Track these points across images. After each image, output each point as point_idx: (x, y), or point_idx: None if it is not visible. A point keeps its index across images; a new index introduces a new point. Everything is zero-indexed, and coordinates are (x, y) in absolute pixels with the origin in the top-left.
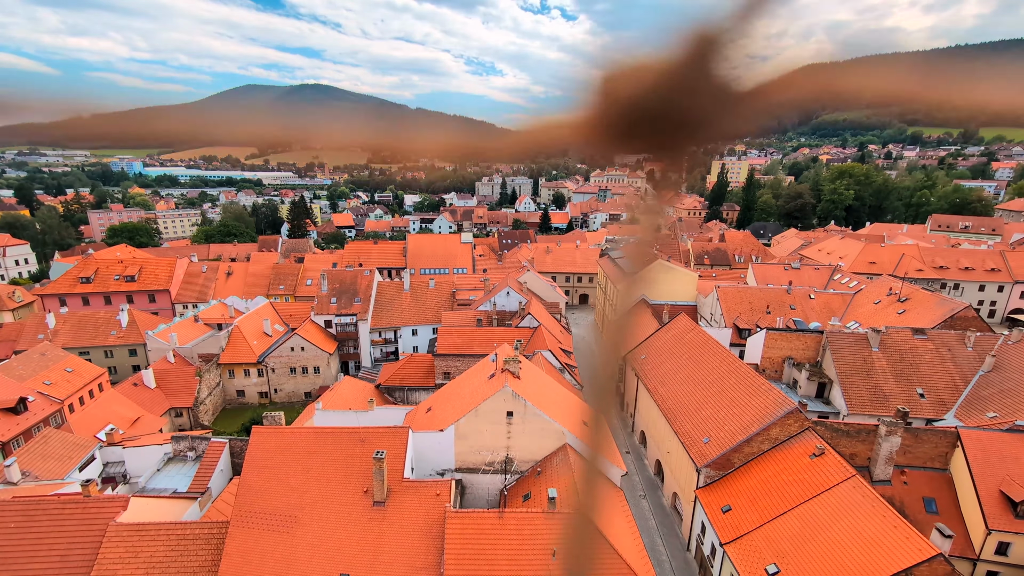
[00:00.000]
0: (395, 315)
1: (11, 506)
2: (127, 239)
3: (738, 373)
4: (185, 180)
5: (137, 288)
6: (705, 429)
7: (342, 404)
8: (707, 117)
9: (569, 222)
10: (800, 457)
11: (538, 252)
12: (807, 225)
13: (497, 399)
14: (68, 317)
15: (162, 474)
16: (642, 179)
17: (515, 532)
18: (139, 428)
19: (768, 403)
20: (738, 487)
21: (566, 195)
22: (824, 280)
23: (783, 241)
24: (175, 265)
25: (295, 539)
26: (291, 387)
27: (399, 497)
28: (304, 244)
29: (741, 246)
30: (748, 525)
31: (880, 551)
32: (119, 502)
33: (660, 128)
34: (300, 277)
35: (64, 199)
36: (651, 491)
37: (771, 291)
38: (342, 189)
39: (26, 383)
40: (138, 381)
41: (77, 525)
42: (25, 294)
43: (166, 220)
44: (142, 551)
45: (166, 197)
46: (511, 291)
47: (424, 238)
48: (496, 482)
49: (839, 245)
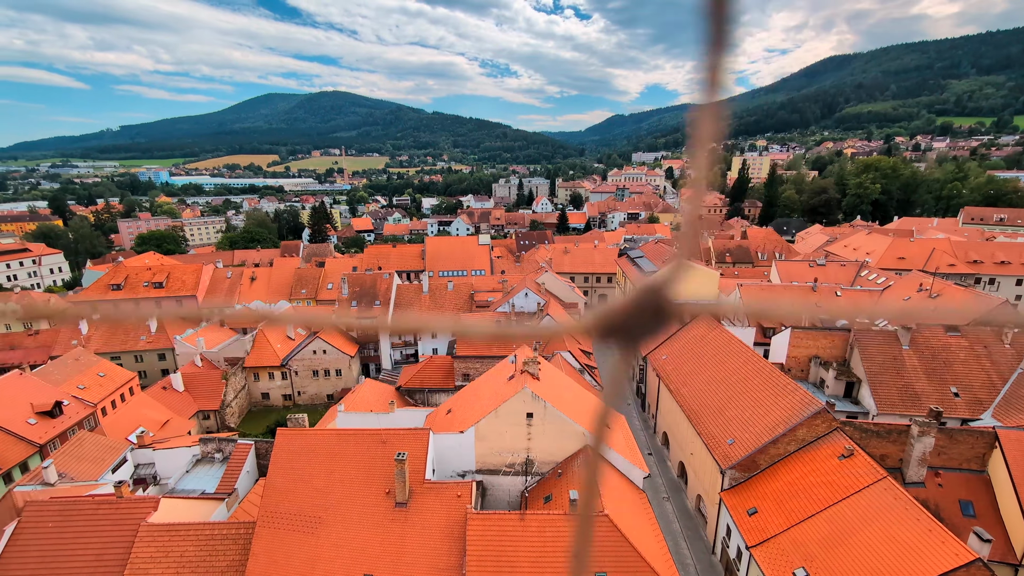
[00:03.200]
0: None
1: (49, 506)
2: (155, 247)
3: (763, 373)
4: (209, 188)
5: (165, 294)
6: (729, 430)
7: (364, 406)
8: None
9: (587, 222)
10: (828, 458)
11: (556, 253)
12: (832, 221)
13: (516, 401)
14: (100, 323)
15: (191, 475)
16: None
17: (537, 534)
18: (168, 431)
19: (794, 403)
20: (764, 489)
21: (583, 195)
22: (851, 277)
23: (807, 237)
24: (201, 271)
25: (319, 539)
26: (314, 389)
27: (421, 498)
28: (325, 249)
29: (764, 243)
30: (775, 528)
31: (914, 556)
32: (150, 503)
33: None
34: (321, 281)
35: (95, 209)
36: (675, 493)
37: (796, 289)
38: (361, 194)
39: (61, 387)
40: (167, 385)
41: (111, 525)
42: (60, 301)
43: (192, 227)
44: (172, 550)
45: (192, 205)
46: (529, 292)
47: (442, 240)
48: (517, 484)
49: (866, 241)
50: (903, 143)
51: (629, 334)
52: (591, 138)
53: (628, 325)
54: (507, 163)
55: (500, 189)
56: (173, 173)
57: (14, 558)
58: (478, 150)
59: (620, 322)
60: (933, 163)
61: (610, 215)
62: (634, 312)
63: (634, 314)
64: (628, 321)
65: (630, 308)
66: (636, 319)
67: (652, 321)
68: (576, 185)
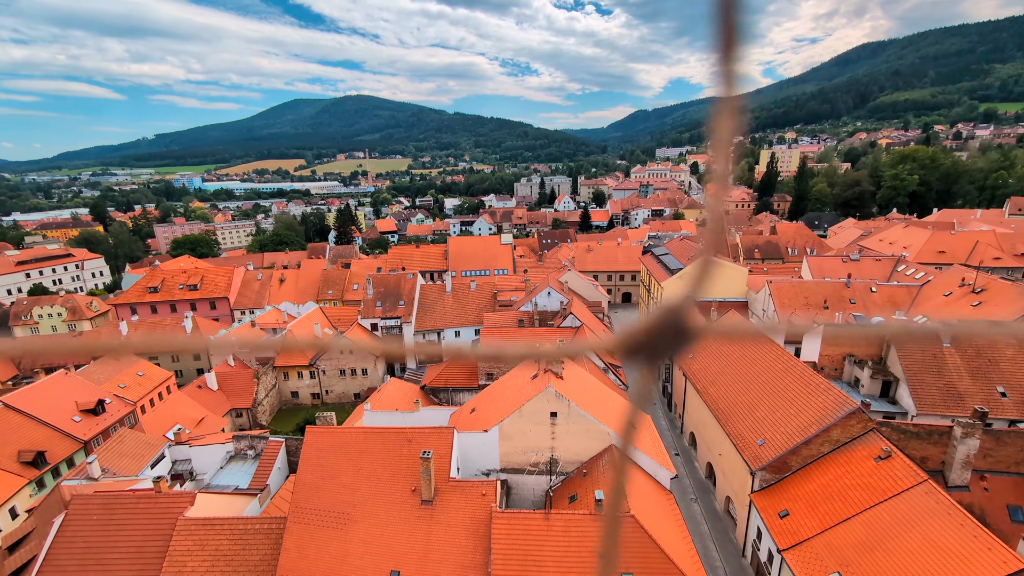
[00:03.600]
0: (438, 317)
1: (94, 500)
2: (189, 250)
3: (794, 372)
4: (240, 193)
5: (199, 296)
6: (759, 431)
7: (389, 405)
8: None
9: (610, 220)
10: (864, 460)
11: (579, 251)
12: (866, 214)
13: (540, 400)
14: (138, 325)
15: (225, 471)
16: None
17: (562, 534)
18: (203, 428)
19: (827, 403)
20: (796, 491)
21: (606, 192)
22: (887, 272)
23: (840, 232)
24: (233, 274)
25: (348, 535)
26: (341, 388)
27: (446, 496)
28: (350, 250)
29: (794, 238)
30: (807, 531)
31: (958, 562)
32: (187, 498)
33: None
34: (347, 282)
35: (133, 215)
36: (702, 495)
37: (828, 285)
38: (384, 195)
39: (103, 386)
40: (202, 384)
41: (150, 518)
42: (101, 304)
43: (224, 231)
44: (208, 544)
45: (223, 210)
46: (552, 291)
47: (465, 240)
48: (541, 483)
49: (903, 234)
50: (943, 132)
51: (653, 353)
52: (614, 134)
53: (651, 345)
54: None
55: (522, 188)
56: (205, 179)
57: (63, 548)
58: (499, 149)
59: (644, 342)
60: (976, 151)
61: (634, 212)
62: (656, 332)
63: (657, 334)
64: (651, 341)
65: (653, 328)
66: (658, 339)
67: (674, 341)
68: (599, 183)
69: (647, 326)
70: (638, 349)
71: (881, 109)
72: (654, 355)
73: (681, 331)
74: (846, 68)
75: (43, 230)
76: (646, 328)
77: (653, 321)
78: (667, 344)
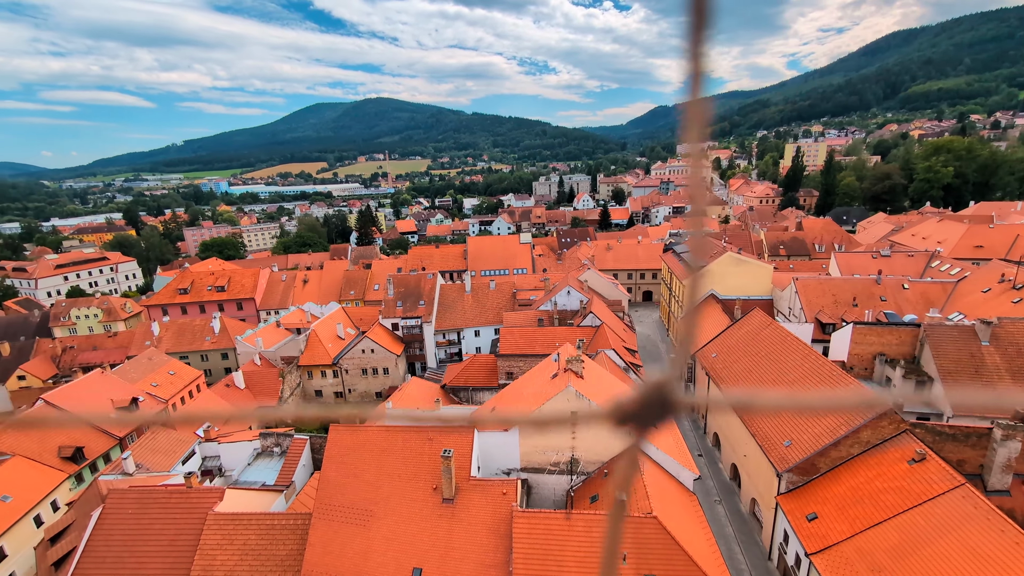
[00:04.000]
0: (458, 317)
1: (129, 494)
2: (217, 252)
3: (822, 371)
4: (265, 196)
5: (227, 297)
6: (785, 431)
7: (410, 403)
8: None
9: (630, 217)
10: (896, 463)
11: (598, 249)
12: (898, 208)
13: (560, 399)
14: (169, 325)
15: (252, 468)
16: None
17: (583, 534)
18: (231, 425)
19: None
20: (825, 494)
21: (626, 190)
22: (920, 268)
23: (870, 227)
24: (259, 275)
25: (371, 532)
26: (363, 387)
27: (467, 495)
28: (371, 251)
29: (821, 234)
30: (837, 535)
31: (999, 569)
32: (216, 493)
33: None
34: (368, 282)
35: (163, 219)
36: (727, 496)
37: (858, 282)
38: (404, 196)
39: (137, 384)
40: (230, 382)
41: (182, 513)
42: (134, 305)
43: (249, 234)
44: (237, 538)
45: (249, 213)
46: (572, 290)
47: (484, 240)
48: (562, 483)
49: (937, 229)
50: (979, 121)
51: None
52: (633, 131)
53: (638, 415)
54: (547, 161)
55: (540, 187)
56: (231, 183)
57: (100, 540)
58: (518, 149)
59: (631, 412)
60: (1016, 141)
61: (654, 209)
62: (644, 404)
63: (643, 406)
64: (638, 412)
65: (640, 401)
66: (645, 411)
67: (660, 412)
68: (618, 180)
69: (636, 398)
70: (627, 418)
71: (913, 99)
72: (642, 425)
73: (667, 404)
74: (875, 58)
75: (80, 235)
76: (634, 400)
77: (640, 395)
78: (654, 415)
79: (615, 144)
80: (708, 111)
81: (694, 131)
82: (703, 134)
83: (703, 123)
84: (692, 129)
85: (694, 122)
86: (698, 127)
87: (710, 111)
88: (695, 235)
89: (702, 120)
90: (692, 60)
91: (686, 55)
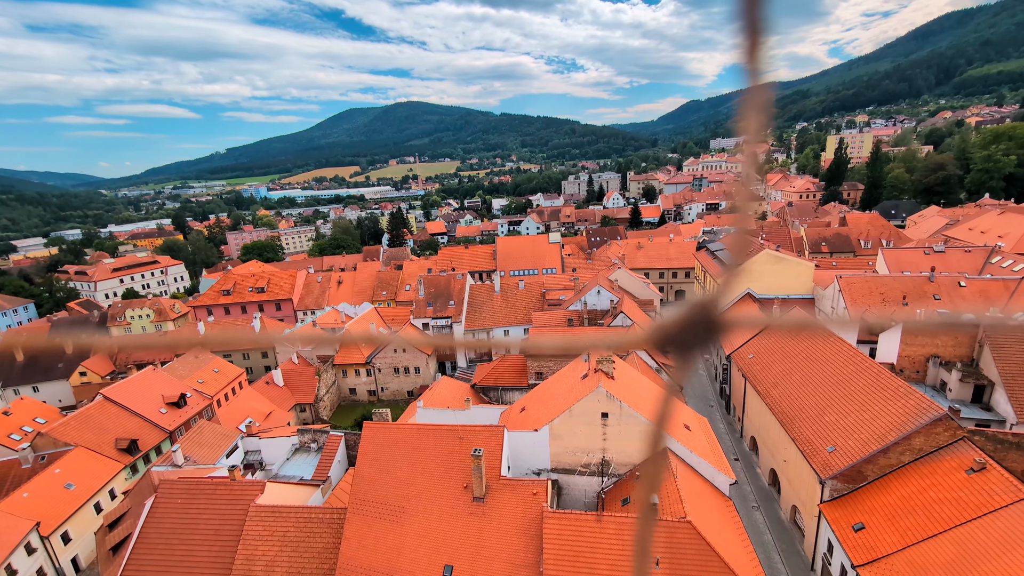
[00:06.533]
0: (487, 317)
1: (178, 485)
2: (257, 255)
3: (868, 374)
4: (301, 200)
5: (266, 298)
6: (829, 437)
7: (441, 403)
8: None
9: (661, 215)
10: (953, 472)
11: (629, 248)
12: (952, 201)
13: (591, 400)
14: (214, 325)
15: (291, 463)
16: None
17: (615, 536)
18: (271, 421)
19: (908, 408)
20: (872, 503)
21: (657, 187)
22: (978, 264)
23: (921, 221)
24: (296, 277)
25: (404, 528)
26: (395, 386)
27: (497, 494)
28: (402, 252)
29: (867, 229)
30: (886, 547)
31: None
32: (257, 486)
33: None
34: (400, 283)
35: (208, 224)
36: (766, 503)
37: (908, 279)
38: (434, 198)
39: (184, 381)
40: (269, 380)
41: (226, 504)
42: (182, 306)
43: (287, 237)
44: (277, 530)
45: (286, 217)
46: (602, 289)
47: (512, 240)
48: (593, 484)
49: (997, 222)
50: None
51: (683, 346)
52: (664, 127)
53: (681, 337)
54: (576, 159)
55: (569, 186)
56: (270, 188)
57: (153, 527)
58: (546, 148)
59: (673, 334)
60: None
61: (687, 207)
62: (686, 325)
63: (686, 327)
64: (681, 334)
65: (682, 321)
66: (689, 332)
67: (704, 334)
68: (649, 177)
69: (677, 319)
70: (668, 341)
71: (969, 84)
72: (684, 347)
73: (711, 324)
74: (926, 41)
75: (133, 240)
76: (676, 321)
77: (683, 314)
78: (697, 337)
79: (646, 141)
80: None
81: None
82: (761, 125)
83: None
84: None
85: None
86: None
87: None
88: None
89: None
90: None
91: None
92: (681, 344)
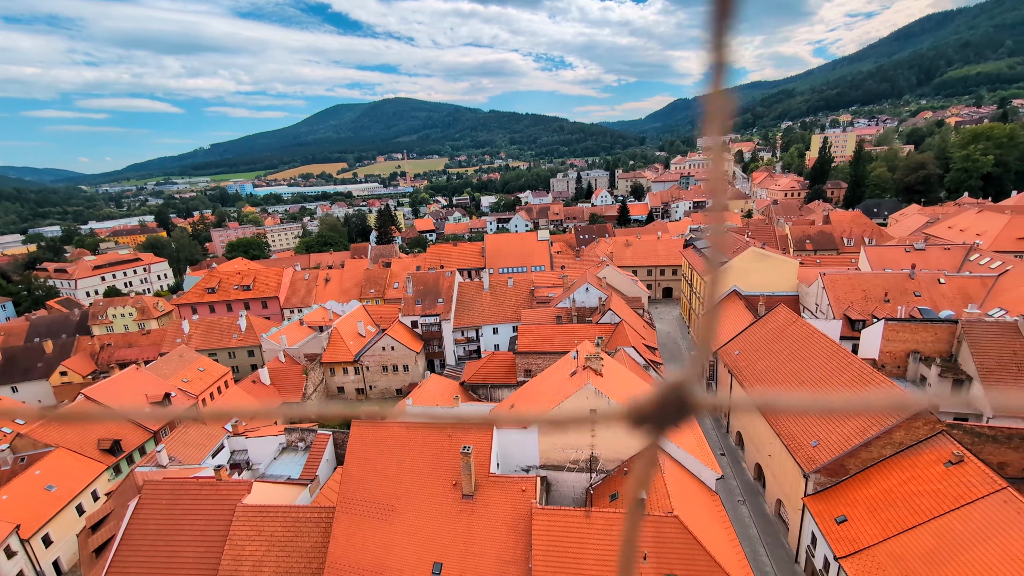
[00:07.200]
0: (476, 314)
1: (163, 486)
2: (242, 252)
3: (851, 369)
4: (287, 197)
5: (252, 296)
6: (812, 431)
7: (429, 400)
8: None
9: (649, 213)
10: (932, 465)
11: (617, 246)
12: (932, 200)
13: (579, 396)
14: (199, 323)
15: (278, 462)
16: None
17: (603, 532)
18: (258, 420)
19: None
20: (854, 496)
21: (645, 185)
22: (957, 262)
23: (902, 219)
24: (282, 274)
25: (392, 526)
26: (384, 384)
27: (486, 491)
28: (390, 250)
29: (850, 227)
30: (868, 538)
31: None
32: (244, 486)
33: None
34: (388, 281)
35: (192, 220)
36: (751, 497)
37: (889, 276)
38: (423, 195)
39: (169, 380)
40: (256, 379)
41: (212, 504)
42: (166, 304)
43: (273, 234)
44: (264, 530)
45: (272, 213)
46: (590, 287)
47: (501, 238)
48: (582, 480)
49: (975, 220)
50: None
51: (657, 424)
52: (652, 125)
53: (655, 416)
54: (565, 157)
55: (558, 184)
56: (256, 185)
57: (137, 528)
58: (535, 145)
59: (648, 413)
60: None
61: (674, 205)
62: (661, 405)
63: (661, 407)
64: (655, 413)
65: (657, 402)
66: (662, 411)
67: (676, 414)
68: (637, 175)
69: (652, 399)
70: (643, 420)
71: (949, 85)
72: (658, 426)
73: (684, 405)
74: (908, 42)
75: (115, 237)
76: (651, 400)
77: (658, 394)
78: (671, 416)
79: (634, 139)
80: (731, 104)
81: (716, 124)
82: (725, 127)
83: (725, 116)
84: (714, 122)
85: (716, 115)
86: (720, 120)
87: (733, 103)
88: (715, 230)
89: (724, 113)
90: (714, 51)
91: (708, 46)
92: (656, 422)
